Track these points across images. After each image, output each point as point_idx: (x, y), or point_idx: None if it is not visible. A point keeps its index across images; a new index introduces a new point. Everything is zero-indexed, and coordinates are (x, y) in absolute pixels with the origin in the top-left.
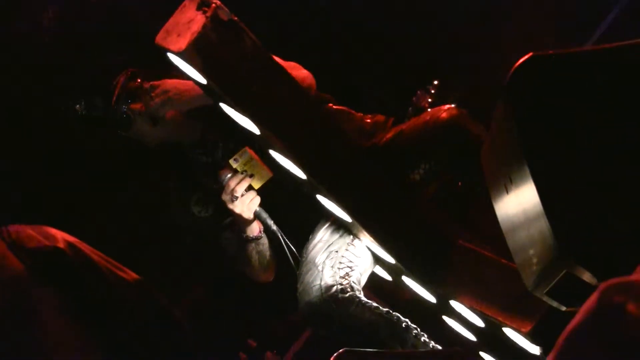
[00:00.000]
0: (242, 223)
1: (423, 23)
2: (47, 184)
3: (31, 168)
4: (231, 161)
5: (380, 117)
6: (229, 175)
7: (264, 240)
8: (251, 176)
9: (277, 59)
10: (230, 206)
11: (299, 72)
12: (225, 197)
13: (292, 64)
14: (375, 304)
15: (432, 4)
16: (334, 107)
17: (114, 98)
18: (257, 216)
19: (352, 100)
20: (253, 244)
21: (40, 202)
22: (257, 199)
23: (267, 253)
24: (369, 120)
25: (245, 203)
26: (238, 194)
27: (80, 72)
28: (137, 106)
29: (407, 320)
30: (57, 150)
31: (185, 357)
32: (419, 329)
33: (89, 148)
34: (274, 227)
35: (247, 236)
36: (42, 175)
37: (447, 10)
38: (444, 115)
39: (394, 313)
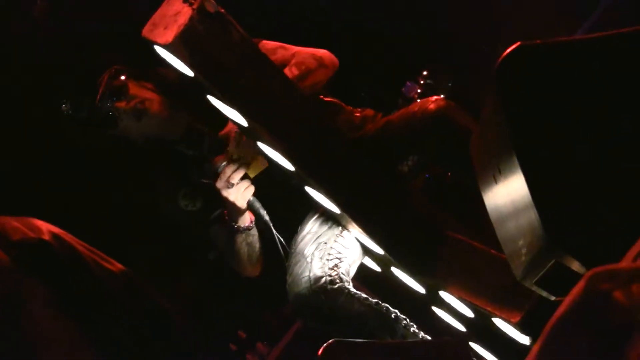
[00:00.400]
0: (234, 212)
1: (421, 22)
2: (40, 182)
3: (27, 166)
4: (229, 148)
5: (370, 112)
6: (225, 162)
7: (254, 232)
8: (247, 165)
9: (301, 48)
10: (225, 194)
11: (318, 51)
12: (220, 184)
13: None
14: (364, 295)
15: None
16: (325, 98)
17: (98, 96)
18: (249, 206)
19: (349, 99)
20: (243, 235)
21: (34, 199)
22: (252, 188)
23: (257, 245)
24: (358, 115)
25: (240, 191)
26: (234, 181)
27: (67, 71)
28: (121, 104)
29: (396, 311)
30: (48, 149)
31: (177, 349)
32: (408, 320)
33: (80, 147)
34: (267, 217)
35: (239, 226)
36: (37, 173)
37: (445, 9)
38: (431, 106)
39: (383, 304)
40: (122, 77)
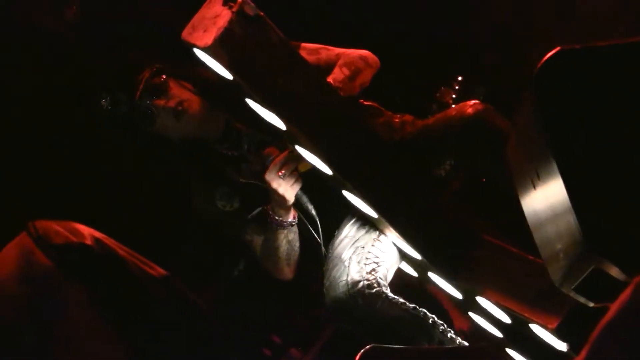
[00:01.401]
0: (280, 205)
1: (457, 26)
2: (70, 181)
3: (57, 163)
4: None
5: (409, 117)
6: (274, 156)
7: (296, 229)
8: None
9: (344, 49)
10: (275, 185)
11: (361, 51)
12: (270, 175)
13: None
14: (402, 300)
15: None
16: (364, 102)
17: (138, 94)
18: (297, 199)
19: (384, 104)
20: (285, 231)
21: (62, 198)
22: (300, 182)
23: (297, 244)
24: (397, 120)
25: (290, 184)
26: (286, 173)
27: (104, 68)
28: (161, 102)
29: (433, 316)
30: (80, 147)
31: (213, 352)
32: (445, 325)
33: (114, 144)
34: (313, 212)
35: (282, 220)
36: (65, 171)
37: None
38: (469, 110)
39: (420, 309)
40: (163, 76)
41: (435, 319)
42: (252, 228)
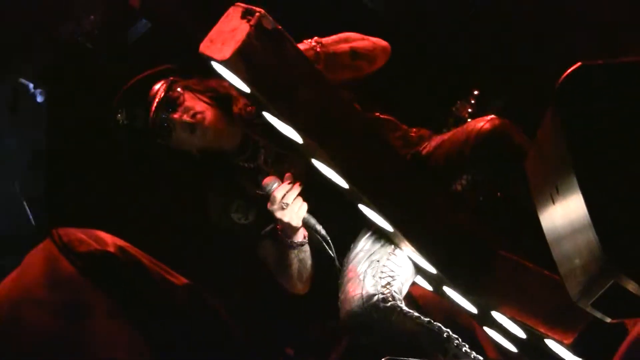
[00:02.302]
0: (289, 230)
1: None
2: (88, 190)
3: (74, 173)
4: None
5: (425, 131)
6: (275, 184)
7: (307, 248)
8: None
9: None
10: (279, 215)
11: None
12: (274, 207)
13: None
14: (416, 314)
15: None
16: (381, 116)
17: (154, 107)
18: (305, 223)
19: (401, 117)
20: (296, 251)
21: (82, 206)
22: (305, 206)
23: (309, 262)
24: (413, 134)
25: (294, 211)
26: (288, 201)
27: (121, 80)
28: (176, 115)
29: (448, 330)
30: (98, 156)
31: None
32: (460, 339)
33: (129, 154)
34: (323, 232)
35: (292, 242)
36: (83, 181)
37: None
38: (486, 125)
39: (435, 323)
40: (179, 89)
41: (450, 333)
42: (265, 243)
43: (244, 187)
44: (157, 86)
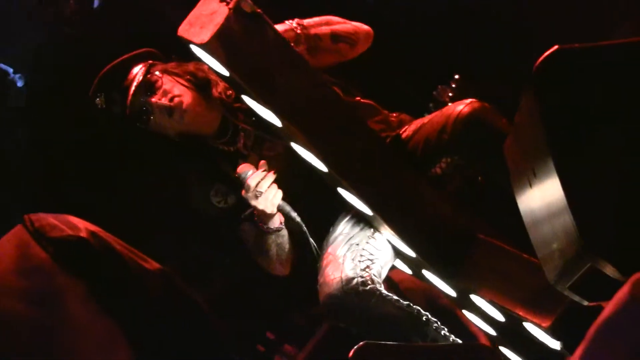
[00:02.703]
0: (264, 217)
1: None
2: (65, 174)
3: (50, 157)
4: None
5: (406, 116)
6: (250, 172)
7: (284, 232)
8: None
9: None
10: (254, 203)
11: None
12: (248, 194)
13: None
14: (395, 297)
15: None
16: (362, 100)
17: (132, 91)
18: (279, 209)
19: (376, 94)
20: (273, 236)
21: (57, 191)
22: (280, 193)
23: (287, 246)
24: (393, 119)
25: (269, 199)
26: (262, 189)
27: (99, 64)
28: (154, 99)
29: (427, 313)
30: (75, 140)
31: (210, 346)
32: (439, 323)
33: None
34: (298, 219)
35: (268, 228)
36: (60, 165)
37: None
38: (466, 109)
39: (414, 306)
40: (157, 72)
41: (429, 316)
42: (245, 226)
43: (224, 171)
44: (135, 70)
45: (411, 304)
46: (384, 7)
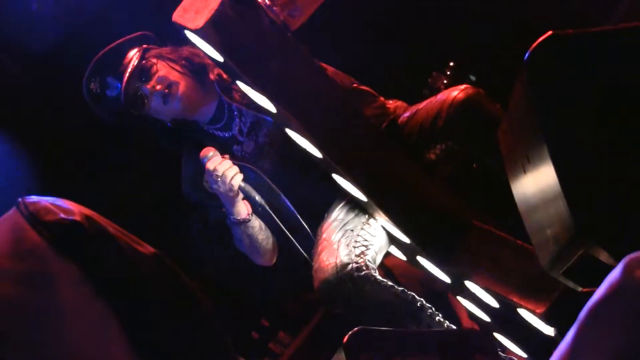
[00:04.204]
0: (227, 204)
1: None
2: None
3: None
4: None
5: (402, 103)
6: (210, 154)
7: (254, 223)
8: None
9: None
10: (215, 187)
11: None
12: (207, 179)
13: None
14: (390, 283)
15: None
16: (359, 87)
17: (127, 77)
18: (243, 193)
19: (370, 81)
20: (242, 227)
21: (54, 176)
22: (240, 176)
23: (260, 237)
24: (389, 105)
25: (227, 182)
26: (219, 173)
27: (92, 50)
28: (150, 85)
29: (422, 299)
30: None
31: (205, 331)
32: (433, 309)
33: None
34: (262, 202)
35: (235, 219)
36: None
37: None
38: (460, 94)
39: (409, 292)
40: (152, 58)
41: (424, 302)
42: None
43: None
44: (130, 54)
45: (406, 290)
46: None
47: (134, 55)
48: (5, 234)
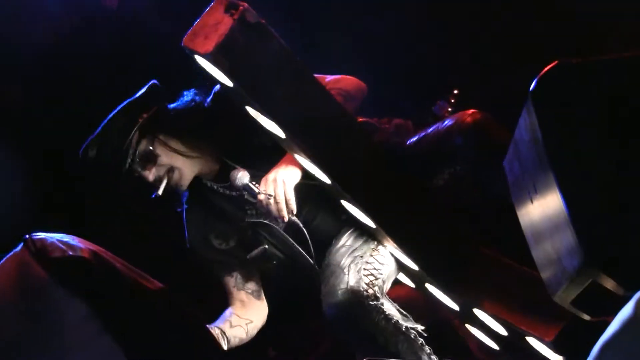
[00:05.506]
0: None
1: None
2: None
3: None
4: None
5: (398, 120)
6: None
7: None
8: None
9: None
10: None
11: (349, 79)
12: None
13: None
14: (396, 318)
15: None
16: (359, 119)
17: (127, 163)
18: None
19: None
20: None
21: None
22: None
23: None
24: (387, 126)
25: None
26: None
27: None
28: (151, 174)
29: (422, 339)
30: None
31: None
32: (431, 350)
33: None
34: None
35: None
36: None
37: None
38: (468, 119)
39: (412, 330)
40: (151, 146)
41: (424, 341)
42: (240, 267)
43: (224, 212)
44: (131, 137)
45: (409, 328)
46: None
47: (135, 138)
48: (12, 270)
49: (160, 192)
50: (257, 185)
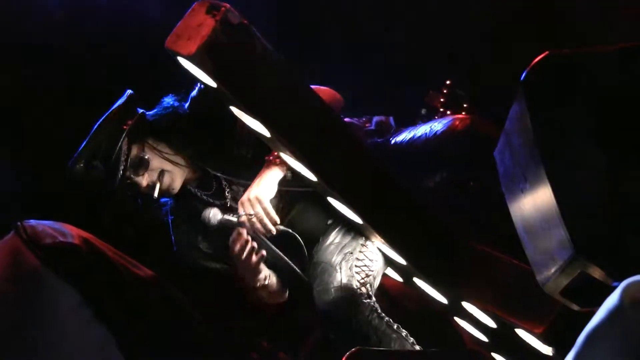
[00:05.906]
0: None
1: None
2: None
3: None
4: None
5: (379, 117)
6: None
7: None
8: None
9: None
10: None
11: (326, 91)
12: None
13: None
14: (387, 317)
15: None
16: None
17: (119, 172)
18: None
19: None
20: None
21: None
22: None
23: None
24: (368, 124)
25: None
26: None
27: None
28: (143, 181)
29: (412, 338)
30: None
31: (203, 355)
32: (422, 349)
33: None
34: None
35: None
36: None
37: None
38: (459, 126)
39: (402, 329)
40: (142, 152)
41: (414, 341)
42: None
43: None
44: (120, 143)
45: (400, 327)
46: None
47: (125, 145)
48: (3, 258)
49: (156, 194)
50: (230, 214)
